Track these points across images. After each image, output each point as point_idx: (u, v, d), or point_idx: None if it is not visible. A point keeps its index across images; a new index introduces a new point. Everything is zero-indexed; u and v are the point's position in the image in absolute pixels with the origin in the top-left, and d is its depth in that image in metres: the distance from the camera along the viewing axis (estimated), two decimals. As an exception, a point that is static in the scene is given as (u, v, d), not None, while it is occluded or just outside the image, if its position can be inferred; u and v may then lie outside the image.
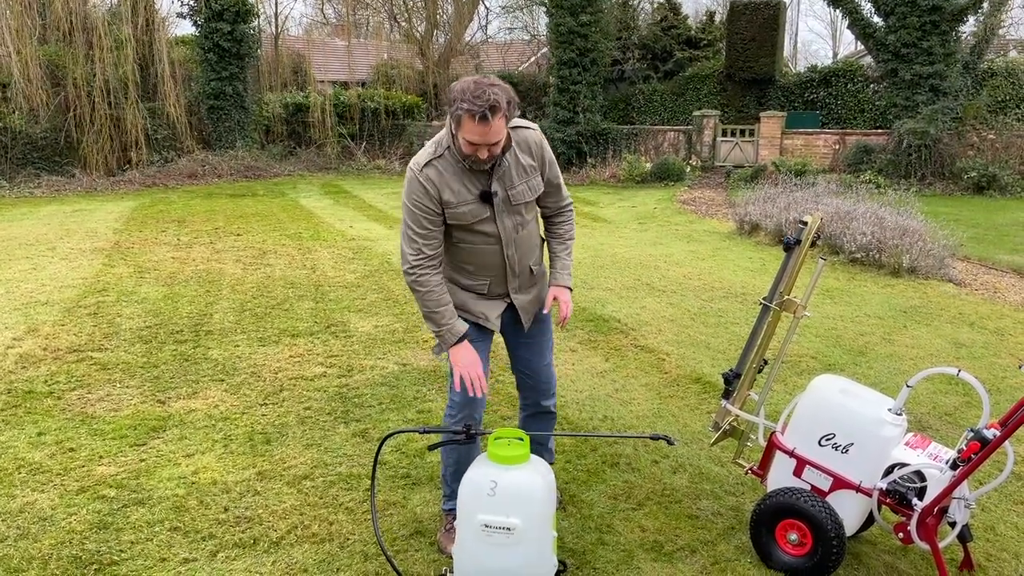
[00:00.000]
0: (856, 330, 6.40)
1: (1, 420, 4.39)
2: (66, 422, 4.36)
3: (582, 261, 8.83)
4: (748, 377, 3.35)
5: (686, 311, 6.93)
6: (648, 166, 19.12)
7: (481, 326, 3.08)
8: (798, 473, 3.09)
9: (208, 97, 19.99)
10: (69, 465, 3.84)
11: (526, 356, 3.24)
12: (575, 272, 3.75)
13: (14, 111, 17.30)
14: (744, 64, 21.22)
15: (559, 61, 20.16)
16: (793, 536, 2.98)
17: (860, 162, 17.97)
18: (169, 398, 4.75)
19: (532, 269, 3.12)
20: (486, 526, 2.61)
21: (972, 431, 2.81)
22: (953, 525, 2.89)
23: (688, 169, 19.39)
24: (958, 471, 2.78)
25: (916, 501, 2.83)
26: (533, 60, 29.23)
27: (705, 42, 24.62)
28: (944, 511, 2.89)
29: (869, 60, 20.96)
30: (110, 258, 9.06)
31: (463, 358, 2.89)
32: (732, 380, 3.38)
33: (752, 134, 20.22)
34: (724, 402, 3.41)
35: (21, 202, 15.00)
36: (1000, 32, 20.60)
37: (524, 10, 30.15)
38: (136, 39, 18.58)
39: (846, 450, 2.98)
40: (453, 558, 2.78)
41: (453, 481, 3.12)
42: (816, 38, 75.82)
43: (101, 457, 3.93)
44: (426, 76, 25.15)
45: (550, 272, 3.19)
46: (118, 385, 4.96)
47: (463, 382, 2.90)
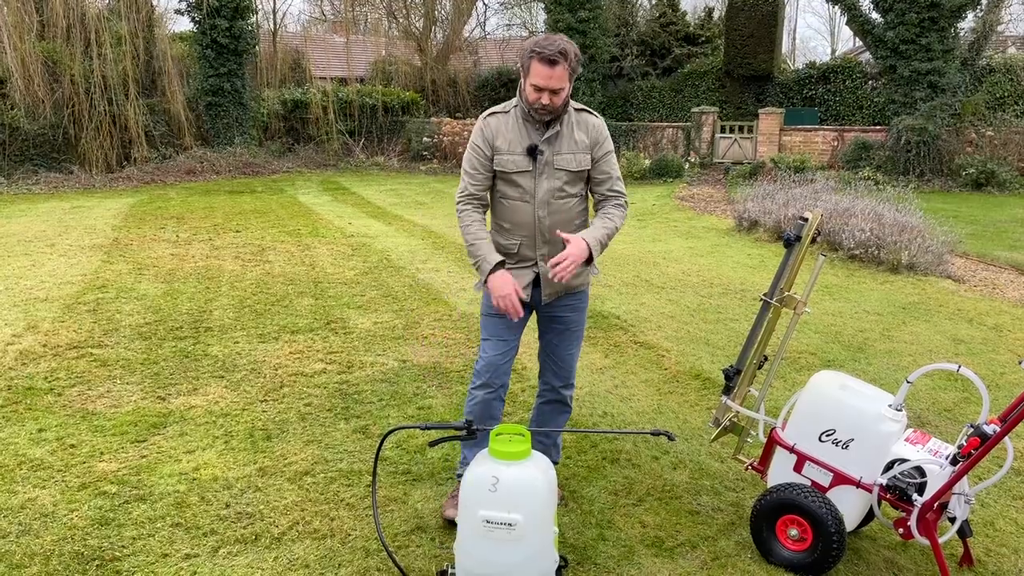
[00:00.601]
0: (855, 326, 6.41)
1: (1, 416, 4.39)
2: (67, 418, 4.36)
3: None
4: (748, 373, 3.36)
5: (685, 307, 6.94)
6: (647, 163, 19.12)
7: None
8: (798, 469, 3.10)
9: (206, 94, 19.96)
10: (70, 461, 3.84)
11: (554, 341, 3.38)
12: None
13: (12, 108, 17.26)
14: (743, 61, 21.22)
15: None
16: (793, 531, 2.99)
17: (858, 159, 17.99)
18: (169, 394, 4.75)
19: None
20: (487, 522, 2.62)
21: (972, 427, 2.83)
22: (953, 521, 2.91)
23: (687, 166, 19.40)
24: (958, 467, 2.79)
25: (916, 497, 2.84)
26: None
27: (703, 39, 24.60)
28: (944, 507, 2.90)
29: (868, 56, 20.97)
30: (109, 255, 9.05)
31: (498, 286, 3.03)
32: (732, 376, 3.39)
33: (751, 131, 20.23)
34: (724, 398, 3.41)
35: (19, 199, 14.98)
36: (999, 29, 20.61)
37: (522, 6, 30.17)
38: (134, 35, 18.55)
39: (846, 446, 2.99)
40: (455, 554, 2.79)
41: (467, 448, 3.40)
42: (814, 34, 75.82)
43: (102, 453, 3.93)
44: (424, 72, 25.11)
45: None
46: (118, 382, 4.96)
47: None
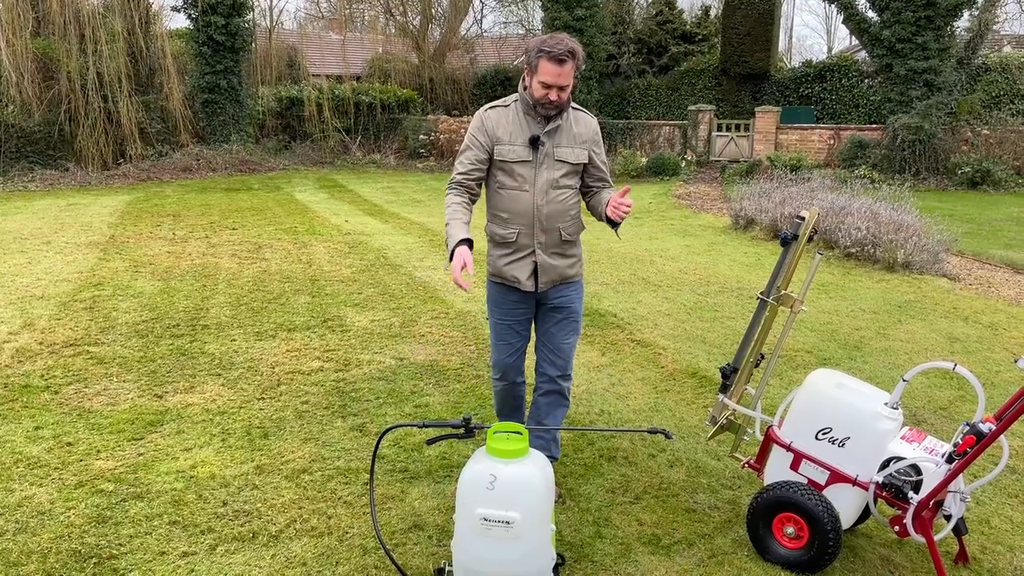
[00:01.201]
0: (851, 325, 6.43)
1: (-2, 414, 4.38)
2: (63, 416, 4.36)
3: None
4: (745, 371, 3.37)
5: (682, 306, 6.95)
6: (643, 161, 19.13)
7: (519, 291, 3.39)
8: (795, 467, 3.11)
9: (203, 91, 19.92)
10: (67, 459, 3.84)
11: (551, 330, 3.48)
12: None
13: (7, 104, 17.21)
14: (739, 59, 21.23)
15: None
16: (790, 529, 3.00)
17: (855, 157, 18.02)
18: (166, 392, 4.75)
19: (562, 234, 3.34)
20: (485, 520, 2.62)
21: (968, 425, 2.84)
22: (948, 518, 2.92)
23: (683, 164, 19.41)
24: (954, 465, 2.80)
25: (912, 494, 2.85)
26: (528, 54, 29.12)
27: (700, 37, 24.62)
28: (940, 504, 2.91)
29: (864, 55, 21.00)
30: (105, 252, 9.04)
31: (455, 258, 3.10)
32: (729, 374, 3.40)
33: (747, 129, 20.24)
34: (721, 396, 3.42)
35: (15, 196, 14.94)
36: (994, 27, 20.65)
37: (519, 4, 30.12)
38: (130, 32, 18.50)
39: (843, 444, 3.00)
40: (452, 552, 2.79)
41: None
42: (811, 33, 75.87)
43: (99, 451, 3.93)
44: (421, 70, 25.08)
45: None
46: (115, 379, 4.95)
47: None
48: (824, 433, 3.04)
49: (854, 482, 2.97)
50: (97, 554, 3.05)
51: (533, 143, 3.25)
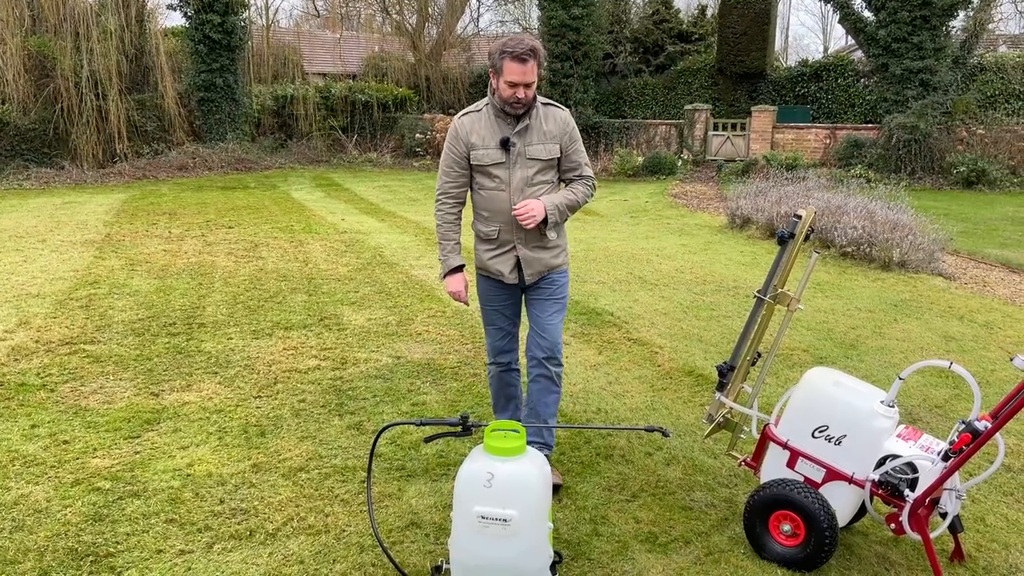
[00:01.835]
0: (847, 323, 6.44)
1: (-6, 413, 4.37)
2: (59, 414, 4.35)
3: (574, 255, 8.85)
4: (742, 370, 3.37)
5: (678, 304, 6.96)
6: (640, 160, 19.14)
7: (504, 283, 3.55)
8: (791, 465, 3.12)
9: (198, 89, 19.88)
10: (63, 457, 3.83)
11: (536, 312, 3.61)
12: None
13: (3, 102, 17.15)
14: (735, 58, 21.26)
15: (551, 54, 20.13)
16: (786, 527, 3.00)
17: (850, 156, 18.05)
18: (163, 390, 4.74)
19: (540, 228, 3.43)
20: (483, 517, 2.62)
21: (964, 423, 2.85)
22: (944, 516, 2.93)
23: (680, 163, 19.42)
24: (949, 462, 2.81)
25: (908, 492, 2.86)
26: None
27: (697, 36, 24.65)
28: (935, 502, 2.92)
29: (860, 55, 21.05)
30: (101, 251, 9.02)
31: (450, 284, 3.56)
32: (726, 373, 3.40)
33: (743, 128, 20.27)
34: (718, 394, 3.43)
35: (10, 194, 14.89)
36: (990, 27, 20.71)
37: (516, 3, 30.13)
38: (125, 30, 18.45)
39: (839, 442, 3.01)
40: (449, 550, 2.79)
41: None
42: (807, 32, 75.80)
43: (95, 449, 3.92)
44: (418, 69, 25.06)
45: None
46: (111, 378, 4.94)
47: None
48: (821, 431, 3.05)
49: (850, 480, 2.97)
50: (94, 552, 3.04)
51: (504, 144, 3.37)
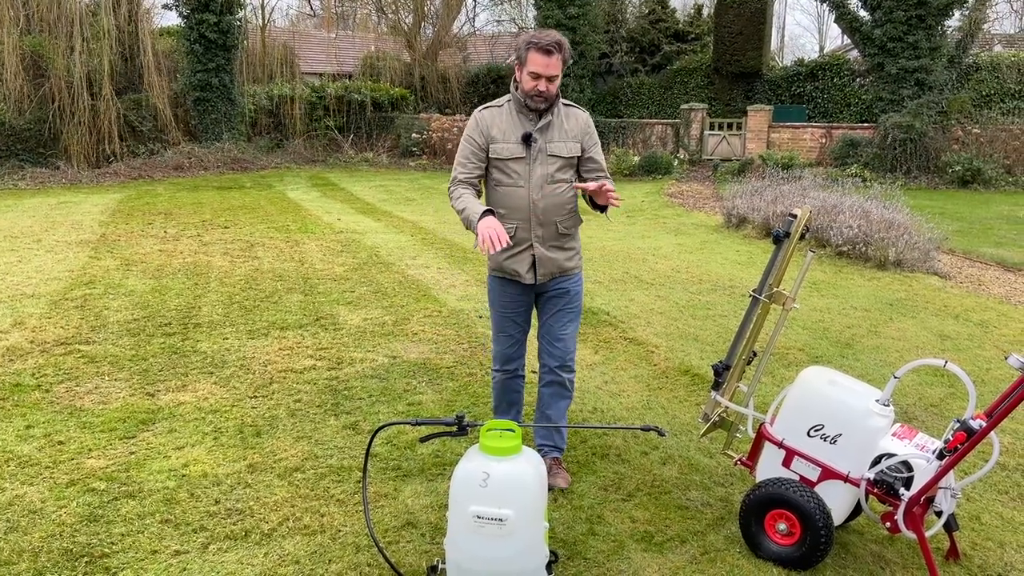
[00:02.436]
0: (843, 322, 6.45)
1: (-12, 413, 4.36)
2: (55, 415, 4.34)
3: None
4: (738, 369, 3.38)
5: (675, 304, 6.97)
6: (636, 159, 19.15)
7: (520, 285, 3.51)
8: (787, 464, 3.12)
9: (194, 89, 19.82)
10: (58, 458, 3.82)
11: (550, 322, 3.60)
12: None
13: (-2, 102, 17.12)
14: (731, 58, 21.28)
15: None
16: (782, 526, 3.01)
17: (846, 156, 18.08)
18: (158, 391, 4.73)
19: (559, 228, 3.45)
20: (478, 517, 2.62)
21: (958, 421, 2.85)
22: (939, 515, 2.93)
23: (676, 163, 19.44)
24: (944, 461, 2.81)
25: (903, 491, 2.86)
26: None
27: (693, 36, 24.67)
28: (930, 501, 2.93)
29: (855, 54, 21.08)
30: (96, 251, 9.00)
31: (485, 225, 3.12)
32: (721, 372, 3.41)
33: (739, 128, 20.29)
34: (714, 394, 3.43)
35: (5, 194, 14.84)
36: (985, 27, 20.75)
37: (512, 2, 30.11)
38: (120, 29, 18.40)
39: (834, 441, 3.01)
40: (445, 549, 2.79)
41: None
42: (803, 32, 76.01)
43: (90, 450, 3.91)
44: (413, 68, 25.02)
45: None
46: (106, 378, 4.93)
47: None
48: (816, 430, 3.05)
49: (846, 479, 2.98)
50: (89, 553, 3.04)
51: (526, 140, 3.35)
